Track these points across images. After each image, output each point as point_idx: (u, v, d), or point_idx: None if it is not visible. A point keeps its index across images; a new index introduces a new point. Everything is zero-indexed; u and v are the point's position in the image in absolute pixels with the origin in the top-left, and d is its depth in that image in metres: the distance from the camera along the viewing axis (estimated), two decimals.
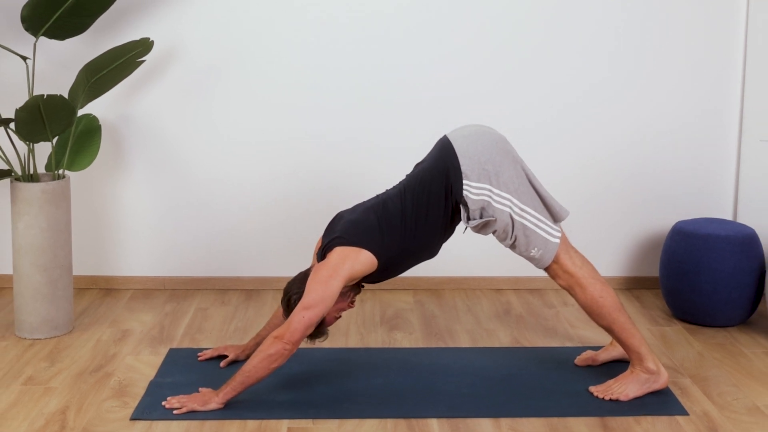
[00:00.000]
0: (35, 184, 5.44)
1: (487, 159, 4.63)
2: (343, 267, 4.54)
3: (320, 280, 4.52)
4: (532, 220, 4.64)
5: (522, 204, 4.63)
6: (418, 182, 4.74)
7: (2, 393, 4.79)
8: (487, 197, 4.60)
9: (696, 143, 6.42)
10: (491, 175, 4.61)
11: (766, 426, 4.49)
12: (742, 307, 5.76)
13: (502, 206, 4.61)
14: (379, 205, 4.75)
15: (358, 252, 4.59)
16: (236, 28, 6.20)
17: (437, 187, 4.66)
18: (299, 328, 4.44)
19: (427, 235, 4.73)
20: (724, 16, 6.25)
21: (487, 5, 6.19)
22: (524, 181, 4.68)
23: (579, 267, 4.74)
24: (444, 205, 4.68)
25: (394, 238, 4.66)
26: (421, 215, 4.67)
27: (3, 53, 6.08)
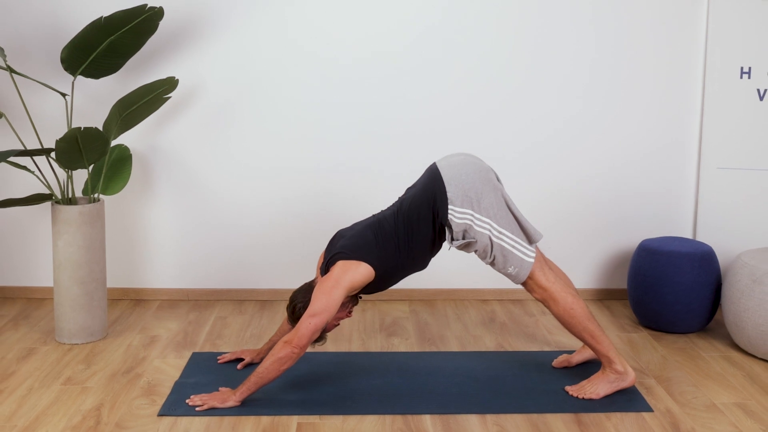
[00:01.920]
0: (73, 206, 5.43)
1: (470, 187, 4.64)
2: (344, 278, 4.56)
3: (325, 291, 4.54)
4: (509, 242, 4.66)
5: (500, 227, 4.64)
6: (409, 205, 4.76)
7: (44, 392, 4.78)
8: (469, 221, 4.62)
9: (660, 170, 6.42)
10: (473, 201, 4.63)
11: (722, 421, 4.50)
12: (700, 316, 5.77)
13: (482, 229, 4.62)
14: (376, 224, 4.76)
15: (358, 264, 4.61)
16: (250, 69, 6.21)
17: (425, 210, 4.68)
18: (306, 333, 4.45)
19: (417, 250, 4.75)
20: (685, 57, 6.26)
21: (473, 49, 6.19)
22: (503, 207, 4.69)
23: (552, 282, 4.74)
24: (431, 225, 4.70)
25: (389, 253, 4.67)
26: (411, 234, 4.70)
27: (45, 90, 6.09)
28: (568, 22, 6.21)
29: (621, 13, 6.21)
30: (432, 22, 6.19)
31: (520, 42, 6.24)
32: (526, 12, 6.19)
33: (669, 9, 6.22)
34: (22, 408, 4.59)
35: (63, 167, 5.35)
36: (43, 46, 6.13)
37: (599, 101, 6.32)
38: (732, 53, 6.17)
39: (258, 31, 6.16)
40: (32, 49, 6.13)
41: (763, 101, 6.17)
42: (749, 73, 6.17)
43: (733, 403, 4.73)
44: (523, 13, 6.19)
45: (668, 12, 6.22)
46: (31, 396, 4.74)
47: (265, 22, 6.15)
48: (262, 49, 6.19)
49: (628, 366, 4.81)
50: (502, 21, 6.20)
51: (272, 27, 6.16)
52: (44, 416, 4.49)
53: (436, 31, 6.20)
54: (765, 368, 5.24)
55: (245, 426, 4.41)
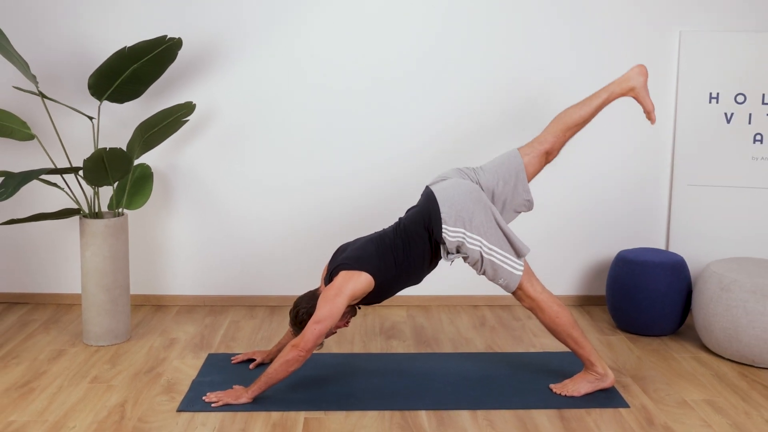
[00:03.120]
0: (99, 220, 5.45)
1: (462, 207, 4.66)
2: (347, 287, 4.56)
3: (328, 299, 4.54)
4: (499, 257, 4.67)
5: (490, 244, 4.66)
6: (407, 223, 4.79)
7: (72, 390, 4.79)
8: (462, 238, 4.63)
9: (636, 187, 6.42)
10: (465, 220, 4.64)
11: (692, 416, 4.51)
12: (672, 320, 5.77)
13: (473, 246, 4.64)
14: (378, 238, 4.77)
15: (360, 274, 4.61)
16: (261, 94, 6.21)
17: (421, 228, 4.71)
18: (311, 338, 4.46)
19: (413, 264, 4.75)
20: (659, 84, 6.24)
21: (462, 79, 6.19)
22: (493, 225, 4.70)
23: (539, 293, 4.76)
24: (428, 242, 4.72)
25: (388, 265, 4.68)
26: (409, 249, 4.71)
27: (73, 114, 6.10)
28: (549, 53, 6.23)
29: (600, 44, 6.23)
30: (424, 53, 6.20)
31: (506, 71, 6.25)
32: (512, 44, 6.20)
33: (644, 40, 6.23)
34: (53, 404, 4.60)
35: (90, 184, 5.35)
36: (71, 74, 6.14)
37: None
38: (701, 80, 6.18)
39: (268, 60, 6.17)
40: (62, 76, 6.15)
41: (730, 124, 6.18)
42: (717, 99, 6.18)
43: (703, 400, 4.75)
44: (508, 45, 6.20)
45: (643, 43, 6.23)
46: (60, 393, 4.75)
47: (275, 51, 6.17)
48: (272, 76, 6.20)
49: (608, 369, 4.84)
50: (488, 52, 6.21)
51: (281, 56, 6.17)
52: (73, 412, 4.50)
53: (429, 62, 6.21)
54: (732, 368, 5.24)
55: (256, 421, 4.41)
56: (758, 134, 6.16)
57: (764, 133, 6.15)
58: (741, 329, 5.19)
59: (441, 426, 4.39)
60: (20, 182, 4.87)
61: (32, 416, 4.44)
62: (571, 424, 4.41)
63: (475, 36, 6.19)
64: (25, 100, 6.14)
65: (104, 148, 5.06)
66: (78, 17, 6.08)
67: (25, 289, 6.46)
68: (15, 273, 6.44)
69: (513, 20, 6.18)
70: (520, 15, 6.17)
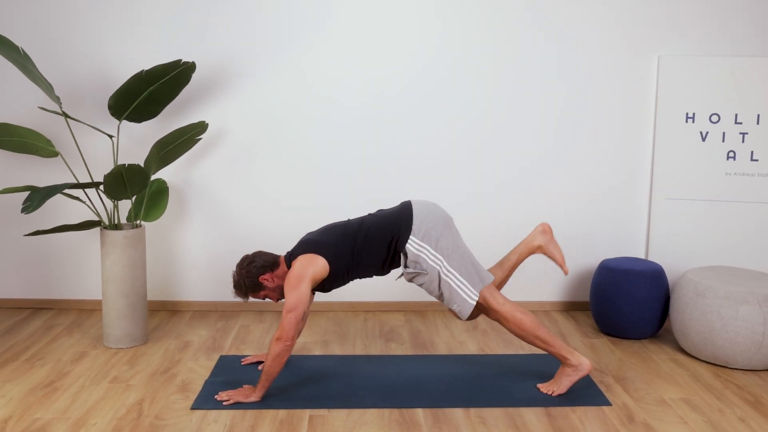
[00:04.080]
0: (119, 231, 5.45)
1: (433, 226, 4.68)
2: (307, 271, 4.57)
3: (293, 287, 4.54)
4: (456, 282, 4.67)
5: (450, 267, 4.66)
6: (375, 222, 4.77)
7: (93, 389, 4.80)
8: (424, 253, 4.64)
9: (617, 200, 6.42)
10: (432, 239, 4.65)
11: (670, 414, 4.52)
12: (651, 325, 5.77)
13: (433, 263, 4.64)
14: (341, 227, 4.78)
15: (316, 258, 4.62)
16: (270, 113, 6.21)
17: (388, 232, 4.70)
18: (290, 327, 4.46)
19: (369, 262, 4.75)
20: (639, 104, 6.26)
21: (457, 98, 6.21)
22: (457, 252, 4.70)
23: (502, 304, 4.73)
24: (387, 246, 4.72)
25: (344, 253, 4.68)
26: (368, 244, 4.70)
27: (94, 132, 6.12)
28: (537, 74, 6.24)
29: (585, 67, 6.25)
30: (421, 73, 6.21)
31: (497, 92, 6.26)
32: (503, 66, 6.21)
33: (626, 64, 6.25)
34: (76, 402, 4.60)
35: (110, 198, 5.35)
36: (93, 95, 6.15)
37: (566, 142, 6.34)
38: (678, 101, 6.20)
39: (277, 80, 6.18)
40: (84, 97, 6.15)
41: (705, 142, 6.19)
42: (693, 118, 6.20)
43: (680, 399, 4.75)
44: (499, 67, 6.21)
45: (625, 66, 6.25)
46: (82, 392, 4.75)
47: (283, 73, 6.17)
48: (280, 96, 6.20)
49: (581, 357, 4.80)
50: (481, 73, 6.22)
51: (288, 77, 6.18)
52: (94, 409, 4.51)
53: (425, 81, 6.22)
54: (707, 369, 5.25)
55: (265, 418, 4.42)
56: (731, 151, 6.18)
57: (737, 150, 6.17)
58: (715, 333, 5.20)
59: (436, 423, 4.39)
60: (45, 196, 4.88)
61: (56, 414, 4.45)
62: (557, 421, 4.41)
63: (467, 57, 6.20)
64: (49, 119, 6.16)
65: (123, 165, 5.06)
66: (99, 42, 6.10)
67: (50, 296, 6.46)
68: (40, 280, 6.44)
69: (504, 44, 6.19)
70: (510, 39, 6.19)
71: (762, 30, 6.21)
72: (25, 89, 6.15)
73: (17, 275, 6.43)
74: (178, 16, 6.06)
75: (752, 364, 5.20)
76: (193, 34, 6.09)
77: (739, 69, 6.14)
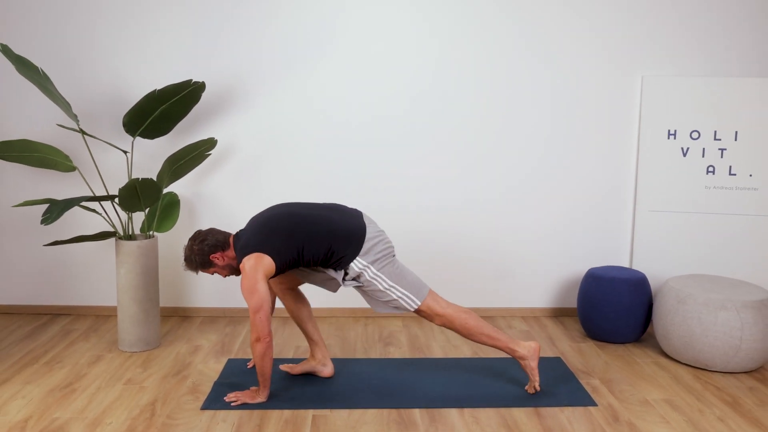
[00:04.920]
0: (133, 241, 5.46)
1: (383, 249, 4.64)
2: (258, 271, 4.39)
3: (250, 290, 4.38)
4: (398, 293, 4.62)
5: (391, 282, 4.62)
6: (325, 231, 4.56)
7: (109, 390, 4.81)
8: (365, 271, 4.58)
9: (603, 212, 6.43)
10: (378, 259, 4.61)
11: (652, 413, 4.53)
12: (635, 330, 5.78)
13: (373, 280, 4.59)
14: (289, 227, 4.56)
15: (262, 257, 4.45)
16: (275, 130, 6.22)
17: (334, 246, 4.55)
18: (263, 326, 4.38)
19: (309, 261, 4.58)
20: (624, 122, 6.28)
21: (454, 116, 6.22)
22: (398, 271, 4.66)
23: (445, 308, 4.70)
24: (327, 256, 4.57)
25: (289, 255, 4.51)
26: (312, 251, 4.53)
27: (110, 148, 6.12)
28: (529, 93, 6.26)
29: (573, 87, 6.26)
30: (419, 94, 6.23)
31: (491, 111, 6.27)
32: (497, 86, 6.23)
33: (611, 83, 6.26)
34: (92, 403, 4.61)
35: (124, 210, 5.34)
36: (108, 113, 6.17)
37: (555, 157, 6.35)
38: (661, 119, 6.21)
39: (281, 100, 6.19)
40: (100, 115, 6.17)
41: (686, 157, 6.21)
42: (675, 135, 6.21)
43: (662, 399, 4.76)
44: (493, 87, 6.23)
45: (611, 85, 6.27)
46: (99, 393, 4.76)
47: (287, 92, 6.19)
48: (285, 113, 6.21)
49: (525, 344, 4.81)
50: (476, 94, 6.24)
51: (293, 96, 6.19)
52: (109, 410, 4.52)
53: (422, 102, 6.23)
54: (687, 371, 5.25)
55: (270, 417, 4.42)
56: (710, 166, 6.20)
57: (716, 165, 6.19)
58: (695, 337, 5.22)
59: (432, 422, 4.40)
60: (63, 208, 4.89)
61: (74, 413, 4.46)
62: (546, 421, 4.42)
63: (463, 79, 6.22)
64: (67, 136, 6.18)
65: (137, 179, 5.09)
66: (114, 63, 6.12)
67: (68, 302, 6.47)
68: (59, 288, 6.45)
69: (497, 66, 6.21)
70: (504, 61, 6.20)
71: (739, 52, 6.24)
72: (45, 107, 6.17)
73: (37, 283, 6.44)
74: (188, 39, 6.09)
75: (730, 366, 5.21)
76: (202, 55, 6.11)
77: (718, 88, 6.16)
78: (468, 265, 6.45)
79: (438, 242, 6.41)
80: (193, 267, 4.74)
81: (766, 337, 5.14)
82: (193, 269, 4.75)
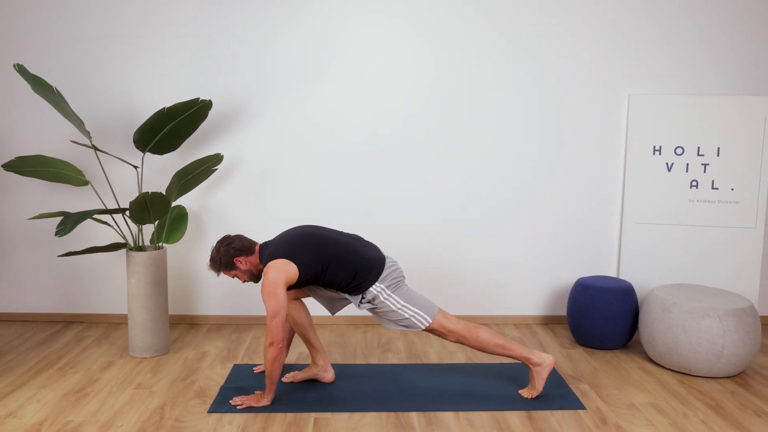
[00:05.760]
0: (143, 252, 5.46)
1: (397, 275, 4.70)
2: (280, 278, 4.43)
3: (270, 294, 4.40)
4: (410, 312, 4.66)
5: (404, 302, 4.66)
6: (351, 255, 4.64)
7: (120, 394, 4.81)
8: (380, 294, 4.62)
9: (592, 224, 6.44)
10: (392, 284, 4.65)
11: (639, 416, 4.52)
12: (622, 336, 5.77)
13: (387, 301, 4.63)
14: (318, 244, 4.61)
15: (288, 263, 4.50)
16: (279, 146, 6.22)
17: (359, 273, 4.63)
18: (278, 331, 4.38)
19: (330, 284, 4.64)
20: (611, 138, 6.28)
21: (448, 132, 6.22)
22: (410, 293, 4.72)
23: (456, 324, 4.73)
24: (350, 280, 4.63)
25: (313, 270, 4.55)
26: (334, 272, 4.59)
27: (121, 163, 6.13)
28: (522, 111, 6.27)
29: (562, 105, 6.28)
30: (415, 112, 6.23)
31: (485, 126, 6.28)
32: (491, 103, 6.23)
33: (599, 102, 6.28)
34: (104, 406, 4.61)
35: (135, 222, 5.36)
36: (119, 130, 6.18)
37: (546, 172, 6.36)
38: (647, 135, 6.22)
39: (285, 117, 6.20)
40: (111, 132, 6.18)
41: (671, 172, 6.21)
42: (660, 151, 6.22)
43: (648, 403, 4.76)
44: (487, 104, 6.24)
45: (599, 104, 6.28)
46: (110, 397, 4.76)
47: (290, 109, 6.19)
48: (289, 130, 6.23)
49: (542, 354, 4.82)
50: (471, 109, 6.24)
51: (296, 113, 6.20)
52: (121, 413, 4.52)
53: (418, 119, 6.24)
54: (672, 376, 5.25)
55: (274, 420, 4.42)
56: (694, 181, 6.21)
57: (699, 180, 6.20)
58: (680, 344, 5.22)
59: (429, 425, 4.40)
60: (76, 221, 4.89)
61: (86, 417, 4.46)
62: (537, 423, 4.41)
63: (457, 98, 6.24)
64: (80, 152, 6.19)
65: (147, 193, 5.10)
66: (125, 83, 6.13)
67: (81, 310, 6.47)
68: (72, 297, 6.45)
69: (490, 85, 6.22)
70: (497, 81, 6.21)
71: (721, 71, 6.26)
72: (59, 125, 6.18)
73: (51, 292, 6.45)
74: (196, 59, 6.11)
75: (713, 372, 5.21)
76: (209, 75, 6.13)
77: (701, 106, 6.18)
78: (463, 275, 6.46)
79: (434, 253, 6.42)
80: (216, 267, 4.75)
81: (747, 344, 5.15)
82: (216, 269, 4.76)
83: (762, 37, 6.24)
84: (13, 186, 6.29)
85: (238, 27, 6.09)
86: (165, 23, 6.08)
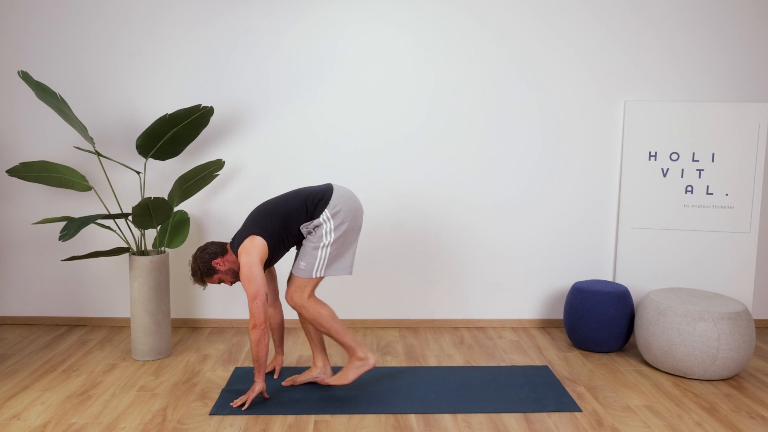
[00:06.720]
0: (145, 257, 5.47)
1: (347, 210, 4.65)
2: (252, 258, 4.51)
3: (247, 278, 4.47)
4: (323, 255, 4.61)
5: (333, 245, 4.61)
6: (298, 196, 4.67)
7: (123, 397, 4.81)
8: (325, 223, 4.58)
9: (588, 229, 6.45)
10: (339, 225, 4.61)
11: (634, 419, 4.53)
12: (618, 340, 5.78)
13: (325, 233, 4.59)
14: (269, 209, 4.68)
15: (254, 238, 4.57)
16: (279, 153, 6.23)
17: (307, 200, 4.64)
18: (259, 312, 4.43)
19: (296, 231, 4.66)
20: (608, 144, 6.30)
21: (450, 143, 6.23)
22: (348, 241, 4.69)
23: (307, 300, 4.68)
24: (306, 213, 4.63)
25: (277, 231, 4.60)
26: (292, 218, 4.61)
27: (124, 169, 6.14)
28: (520, 118, 6.28)
29: (560, 112, 6.29)
30: (416, 122, 6.25)
31: (482, 134, 6.28)
32: (490, 111, 6.25)
33: (596, 108, 6.29)
34: (107, 409, 4.62)
35: (137, 227, 5.39)
36: (122, 136, 6.19)
37: (544, 177, 6.37)
38: (642, 141, 6.23)
39: (285, 125, 6.21)
40: (114, 138, 6.19)
41: (666, 177, 6.23)
42: (655, 156, 6.24)
43: (643, 405, 4.77)
44: (486, 112, 6.25)
45: (595, 110, 6.29)
46: (113, 400, 4.77)
47: (290, 117, 6.21)
48: (288, 137, 6.23)
49: (368, 352, 4.87)
50: (471, 118, 6.26)
51: (295, 122, 6.21)
52: (124, 415, 4.52)
53: (418, 129, 6.25)
54: (667, 379, 5.26)
55: (275, 422, 4.43)
56: (689, 186, 6.22)
57: (694, 185, 6.21)
58: (675, 347, 5.23)
59: (427, 426, 4.40)
60: (80, 226, 4.90)
61: (90, 419, 4.46)
62: (534, 425, 4.42)
63: (458, 105, 6.25)
64: (84, 157, 6.21)
65: (149, 198, 5.12)
66: (128, 89, 6.15)
67: (84, 314, 6.47)
68: (75, 300, 6.46)
69: (490, 93, 6.23)
70: (496, 88, 6.23)
71: (715, 78, 6.27)
72: (62, 131, 6.20)
73: (55, 296, 6.46)
74: (198, 66, 6.12)
75: (708, 374, 5.22)
76: (211, 82, 6.15)
77: (696, 113, 6.19)
78: (462, 279, 6.47)
79: (433, 258, 6.43)
80: (198, 278, 4.77)
81: (741, 347, 5.16)
82: (200, 280, 4.77)
83: (756, 45, 6.26)
84: (17, 191, 6.30)
85: (240, 36, 6.11)
86: (168, 31, 6.09)
